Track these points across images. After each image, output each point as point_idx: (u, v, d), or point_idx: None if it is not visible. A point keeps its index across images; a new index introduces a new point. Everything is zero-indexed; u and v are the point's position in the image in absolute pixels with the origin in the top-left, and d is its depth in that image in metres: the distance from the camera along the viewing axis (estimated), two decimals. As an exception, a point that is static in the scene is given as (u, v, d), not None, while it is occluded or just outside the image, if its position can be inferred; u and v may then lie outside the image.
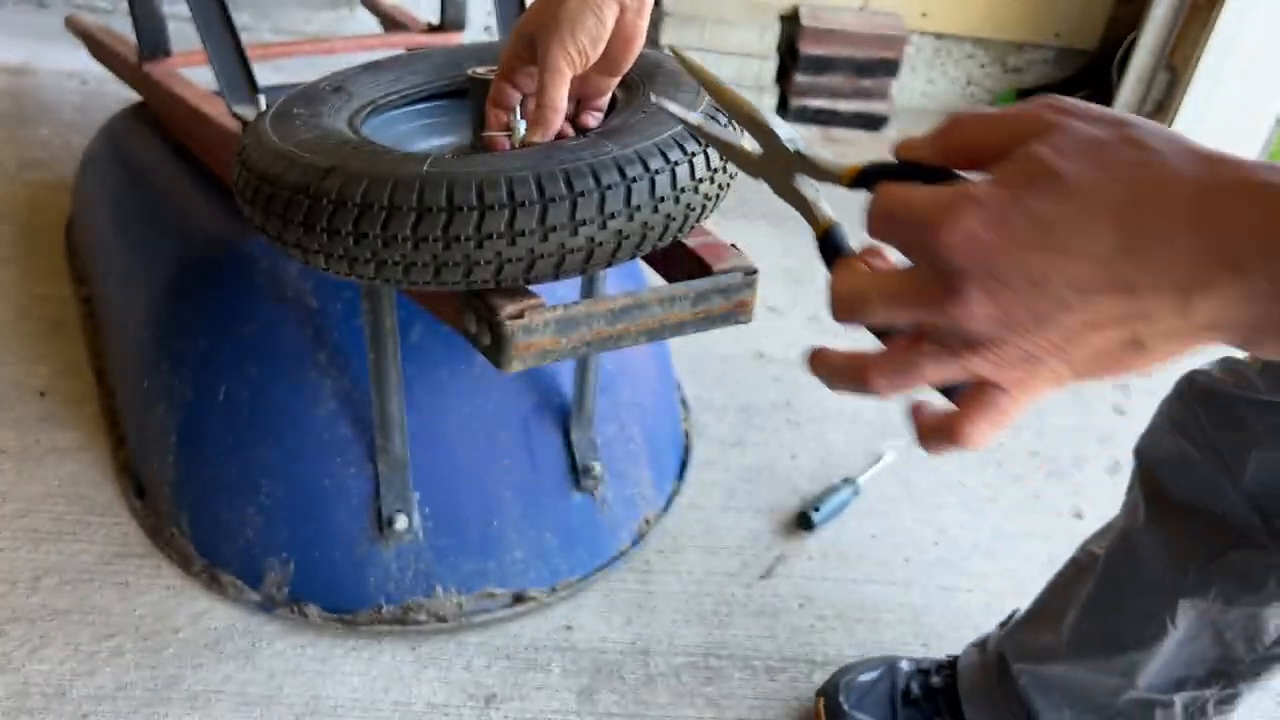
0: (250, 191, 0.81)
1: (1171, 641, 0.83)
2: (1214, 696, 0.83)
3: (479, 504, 1.12)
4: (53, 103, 2.11)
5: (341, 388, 1.10)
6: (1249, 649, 0.80)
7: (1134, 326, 0.36)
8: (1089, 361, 0.37)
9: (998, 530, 1.35)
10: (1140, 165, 0.34)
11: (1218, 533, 0.80)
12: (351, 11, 2.61)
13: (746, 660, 1.12)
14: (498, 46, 1.09)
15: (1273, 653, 0.80)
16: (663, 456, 1.32)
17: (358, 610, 1.09)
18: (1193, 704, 0.84)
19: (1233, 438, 0.79)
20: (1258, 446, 0.77)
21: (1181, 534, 0.83)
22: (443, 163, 0.75)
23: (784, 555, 1.27)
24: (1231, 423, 0.79)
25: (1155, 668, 0.84)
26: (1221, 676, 0.82)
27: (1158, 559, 0.84)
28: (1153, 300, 0.35)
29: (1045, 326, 0.36)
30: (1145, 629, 0.84)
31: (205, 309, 1.15)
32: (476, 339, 0.80)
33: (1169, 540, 0.84)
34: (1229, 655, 0.81)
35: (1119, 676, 0.86)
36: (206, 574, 1.12)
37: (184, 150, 1.41)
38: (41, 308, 1.52)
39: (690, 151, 0.81)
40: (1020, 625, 0.98)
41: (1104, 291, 0.35)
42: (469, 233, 0.73)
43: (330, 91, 0.96)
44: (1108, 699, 0.87)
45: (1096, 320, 0.35)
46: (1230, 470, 0.79)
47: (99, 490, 1.23)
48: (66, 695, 1.00)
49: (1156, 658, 0.84)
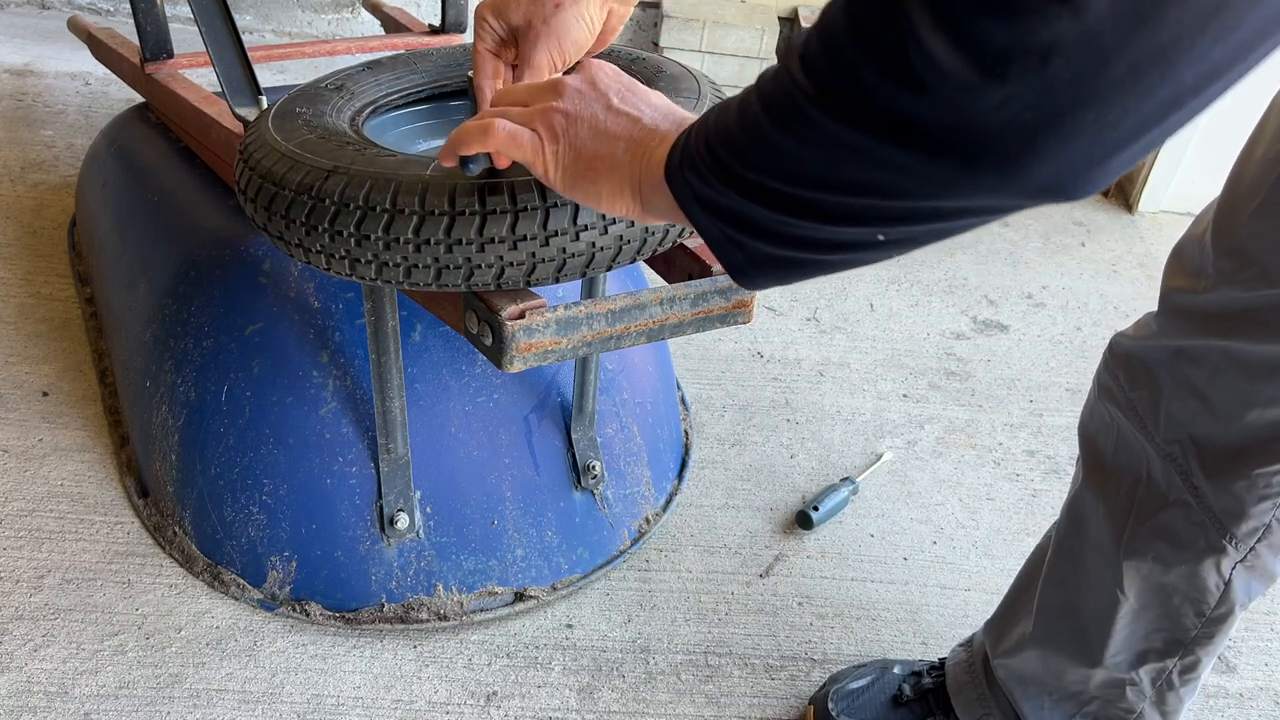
0: (253, 191, 0.82)
1: (1126, 612, 0.84)
2: (1176, 666, 0.84)
3: (480, 503, 1.13)
4: (56, 104, 2.12)
5: (343, 387, 1.10)
6: (1196, 614, 0.82)
7: (606, 164, 0.60)
8: (574, 157, 0.61)
9: (996, 529, 1.35)
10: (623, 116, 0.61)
11: (1147, 496, 0.82)
12: (354, 14, 2.62)
13: (746, 658, 1.13)
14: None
15: (1218, 613, 0.81)
16: (663, 456, 1.33)
17: (360, 608, 1.10)
18: (1159, 676, 0.85)
19: (1147, 396, 0.80)
20: (1164, 400, 0.78)
21: (1117, 500, 0.84)
22: (446, 170, 0.76)
23: (783, 554, 1.27)
24: (1145, 380, 0.80)
25: (1117, 644, 0.85)
26: (1179, 645, 0.84)
27: (1100, 526, 0.86)
28: (615, 171, 0.60)
29: (578, 120, 0.62)
30: (1099, 598, 0.85)
31: (208, 309, 1.16)
32: (478, 339, 0.81)
33: (1107, 508, 0.85)
34: (1180, 624, 0.82)
35: (1086, 658, 0.88)
36: (209, 573, 1.13)
37: (187, 151, 1.42)
38: (45, 308, 1.53)
39: None
40: (996, 619, 0.99)
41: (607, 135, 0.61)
42: (471, 236, 0.74)
43: (332, 91, 0.96)
44: (1080, 685, 0.89)
45: (596, 136, 0.61)
46: (1148, 429, 0.80)
47: (102, 489, 1.24)
48: (69, 694, 1.01)
49: (1115, 633, 0.85)
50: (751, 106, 0.49)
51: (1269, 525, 0.77)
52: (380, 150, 0.82)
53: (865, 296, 1.83)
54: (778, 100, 0.47)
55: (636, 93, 0.62)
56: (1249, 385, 0.73)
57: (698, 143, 0.53)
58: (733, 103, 0.52)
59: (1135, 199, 2.25)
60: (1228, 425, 0.75)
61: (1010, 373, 1.68)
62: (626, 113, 0.60)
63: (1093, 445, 0.87)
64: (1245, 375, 0.73)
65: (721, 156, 0.51)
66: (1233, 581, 0.79)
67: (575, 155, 0.61)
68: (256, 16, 2.61)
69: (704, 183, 0.52)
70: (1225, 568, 0.79)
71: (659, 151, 0.57)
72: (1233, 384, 0.74)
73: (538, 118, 0.63)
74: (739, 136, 0.50)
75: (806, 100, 0.44)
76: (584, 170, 0.60)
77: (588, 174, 0.60)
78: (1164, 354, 0.78)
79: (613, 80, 0.63)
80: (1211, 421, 0.76)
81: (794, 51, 0.45)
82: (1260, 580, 0.80)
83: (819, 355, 1.67)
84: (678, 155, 0.55)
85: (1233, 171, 0.75)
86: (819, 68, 0.43)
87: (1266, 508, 0.76)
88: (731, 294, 0.86)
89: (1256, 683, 1.17)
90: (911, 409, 1.56)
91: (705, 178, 0.52)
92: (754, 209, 0.50)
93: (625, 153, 0.59)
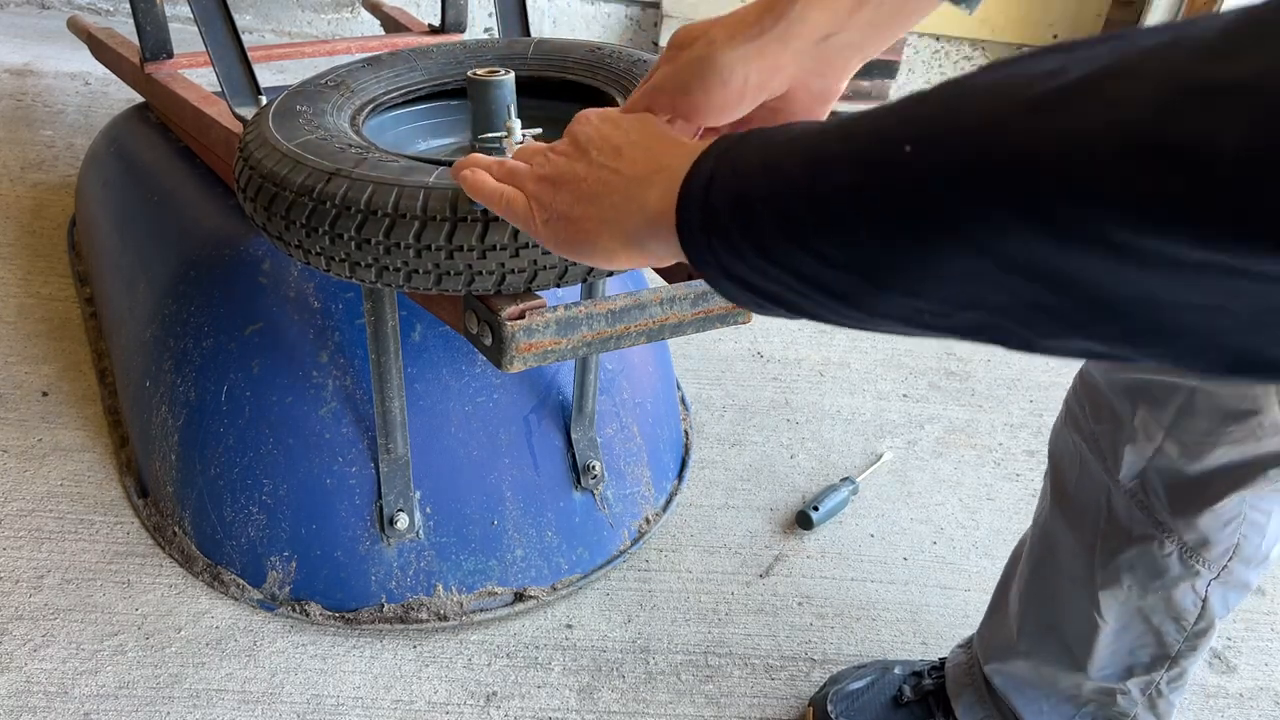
0: (253, 190, 0.82)
1: (1107, 633, 0.84)
2: (1163, 678, 0.85)
3: (480, 503, 1.13)
4: (55, 104, 2.12)
5: (343, 387, 1.10)
6: (1179, 630, 0.81)
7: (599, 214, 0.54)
8: (564, 224, 0.56)
9: (996, 529, 1.35)
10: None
11: (1111, 531, 0.81)
12: (353, 14, 2.62)
13: (746, 658, 1.13)
14: (498, 45, 1.10)
15: (1199, 628, 0.81)
16: (663, 456, 1.33)
17: (359, 608, 1.09)
18: (1148, 687, 0.85)
19: (1109, 431, 0.79)
20: (1125, 437, 0.77)
21: (1083, 533, 0.84)
22: (449, 179, 0.76)
23: (783, 554, 1.27)
24: (1108, 415, 0.79)
25: (1101, 659, 0.85)
26: (1164, 659, 0.84)
27: (1070, 556, 0.86)
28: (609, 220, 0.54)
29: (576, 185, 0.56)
30: (1078, 623, 0.85)
31: (207, 309, 1.16)
32: (478, 339, 0.81)
33: (1076, 540, 0.85)
34: (1163, 640, 0.82)
35: (1073, 670, 0.88)
36: (209, 573, 1.13)
37: (186, 151, 1.42)
38: (44, 308, 1.53)
39: None
40: (984, 622, 0.99)
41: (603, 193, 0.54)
42: (472, 243, 0.74)
43: (332, 88, 0.96)
44: (1074, 690, 0.89)
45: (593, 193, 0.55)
46: (1108, 466, 0.80)
47: (101, 489, 1.24)
48: (69, 694, 1.01)
49: (1099, 650, 0.85)
50: (865, 187, 0.37)
51: (1238, 543, 0.77)
52: (383, 154, 0.82)
53: (865, 296, 1.83)
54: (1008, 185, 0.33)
55: (617, 135, 0.56)
56: (1218, 426, 0.72)
57: (727, 199, 0.44)
58: (794, 146, 0.41)
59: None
60: (1192, 464, 0.74)
61: (1010, 373, 1.68)
62: (605, 165, 0.55)
63: (1059, 469, 0.87)
64: (1214, 417, 0.72)
65: (772, 235, 0.41)
66: (1209, 598, 0.79)
67: (565, 222, 0.56)
68: (256, 16, 2.61)
69: (738, 257, 0.43)
70: (1200, 587, 0.79)
71: (650, 199, 0.50)
72: (1200, 426, 0.73)
73: (529, 183, 0.59)
74: (819, 214, 0.39)
75: (1126, 218, 0.30)
76: (575, 235, 0.56)
77: (580, 237, 0.56)
78: (1129, 391, 0.77)
79: (593, 130, 0.57)
80: (1176, 461, 0.75)
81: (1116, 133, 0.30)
82: (1236, 591, 0.80)
83: (819, 355, 1.67)
84: (695, 213, 0.46)
85: None
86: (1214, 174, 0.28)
87: (1234, 528, 0.75)
88: (731, 294, 0.85)
89: (1256, 683, 1.17)
90: (911, 409, 1.56)
91: (741, 251, 0.43)
92: (819, 305, 0.41)
93: (612, 209, 0.53)
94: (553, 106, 1.05)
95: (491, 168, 0.64)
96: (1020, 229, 0.32)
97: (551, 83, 1.04)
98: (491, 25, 2.73)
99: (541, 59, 1.06)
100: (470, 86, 0.92)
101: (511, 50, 1.08)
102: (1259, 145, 0.27)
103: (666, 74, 0.61)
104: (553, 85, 1.04)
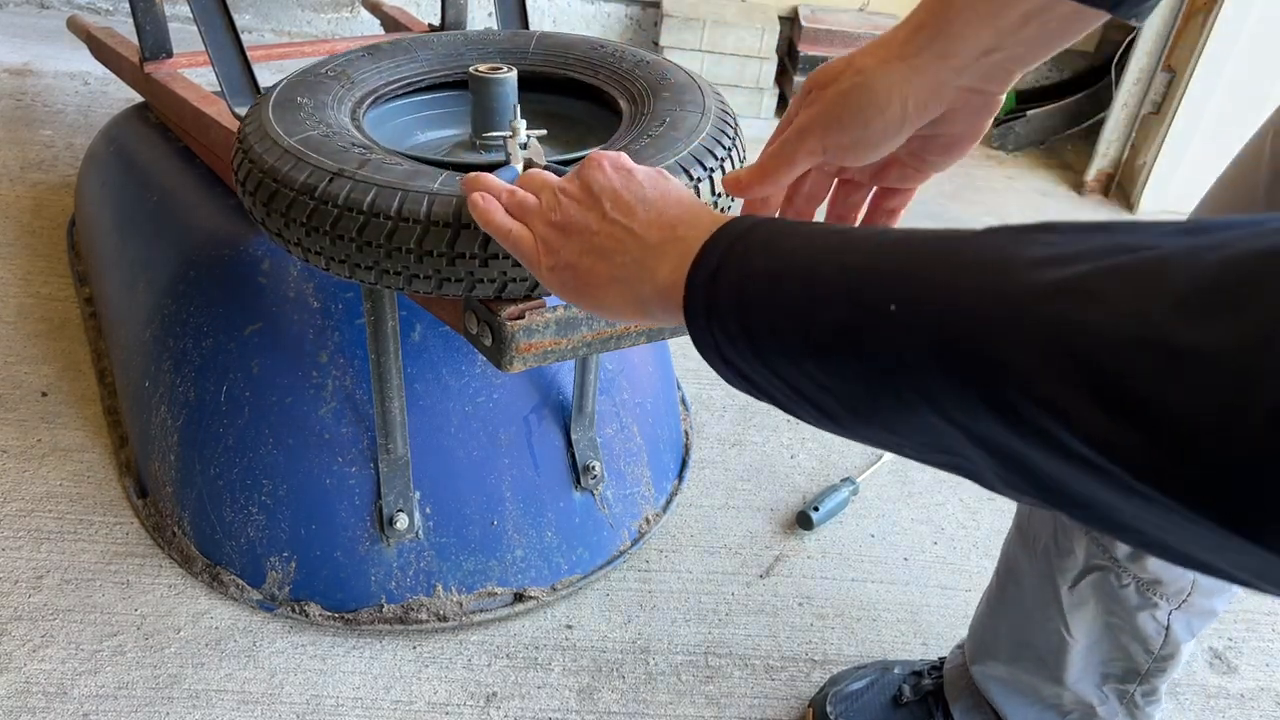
0: (252, 184, 0.81)
1: (1079, 648, 0.85)
2: (1137, 690, 0.85)
3: (480, 503, 1.12)
4: (55, 104, 2.12)
5: (343, 387, 1.10)
6: (1145, 652, 0.82)
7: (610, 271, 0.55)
8: (571, 274, 0.56)
9: (997, 529, 1.35)
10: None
11: (1068, 562, 0.82)
12: (353, 13, 2.61)
13: (746, 659, 1.13)
14: (500, 37, 1.09)
15: (1165, 652, 0.82)
16: (663, 456, 1.33)
17: (359, 609, 1.09)
18: (1124, 697, 0.86)
19: None
20: None
21: (1045, 562, 0.84)
22: (454, 186, 0.76)
23: (783, 554, 1.27)
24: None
25: (1076, 673, 0.86)
26: (1135, 675, 0.84)
27: (1035, 579, 0.86)
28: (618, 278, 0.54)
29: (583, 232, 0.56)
30: (1050, 639, 0.86)
31: (207, 309, 1.16)
32: (477, 339, 0.81)
33: (1035, 569, 0.86)
34: (1132, 659, 0.83)
35: (1051, 681, 0.88)
36: (208, 573, 1.13)
37: (186, 151, 1.42)
38: (44, 308, 1.53)
39: (696, 178, 0.82)
40: (972, 625, 0.99)
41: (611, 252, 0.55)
42: (474, 251, 0.74)
43: (332, 78, 0.94)
44: (1055, 699, 0.89)
45: (601, 248, 0.55)
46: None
47: (101, 490, 1.24)
48: (68, 694, 1.00)
49: (1072, 663, 0.86)
50: (852, 332, 0.39)
51: (1194, 579, 0.77)
52: (387, 156, 0.81)
53: (865, 296, 1.82)
54: (977, 387, 0.34)
55: (630, 191, 0.55)
56: None
57: (731, 295, 0.45)
58: (796, 260, 0.43)
59: (1136, 198, 2.25)
60: None
61: (1011, 373, 1.67)
62: (618, 221, 0.54)
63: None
64: None
65: (768, 344, 0.43)
66: (1172, 625, 0.80)
67: (572, 272, 0.56)
68: (256, 16, 2.61)
69: (736, 351, 0.45)
70: (1161, 617, 0.79)
71: (661, 271, 0.51)
72: None
73: (539, 224, 0.59)
74: (809, 344, 0.41)
75: (1115, 454, 0.30)
76: (582, 287, 0.56)
77: (586, 290, 0.56)
78: None
79: (606, 181, 0.56)
80: None
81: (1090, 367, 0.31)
82: (1201, 617, 0.80)
83: (819, 355, 1.66)
84: (701, 299, 0.47)
85: None
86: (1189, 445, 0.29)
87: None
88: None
89: (1257, 683, 1.17)
90: (912, 409, 1.56)
91: (739, 348, 0.45)
92: (806, 414, 0.43)
93: (622, 269, 0.53)
94: (554, 101, 1.04)
95: (501, 195, 0.63)
96: (988, 418, 0.34)
97: (553, 78, 1.04)
98: (491, 25, 2.73)
99: (544, 54, 1.05)
100: (472, 83, 0.92)
101: (514, 43, 1.07)
102: (1207, 419, 0.27)
103: (813, 115, 0.58)
104: (555, 81, 1.04)
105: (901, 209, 0.67)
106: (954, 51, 0.55)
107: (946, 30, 0.55)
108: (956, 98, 0.57)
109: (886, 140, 0.58)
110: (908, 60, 0.56)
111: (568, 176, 0.60)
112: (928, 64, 0.55)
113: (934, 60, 0.55)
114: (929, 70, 0.56)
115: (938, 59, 0.55)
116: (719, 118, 0.89)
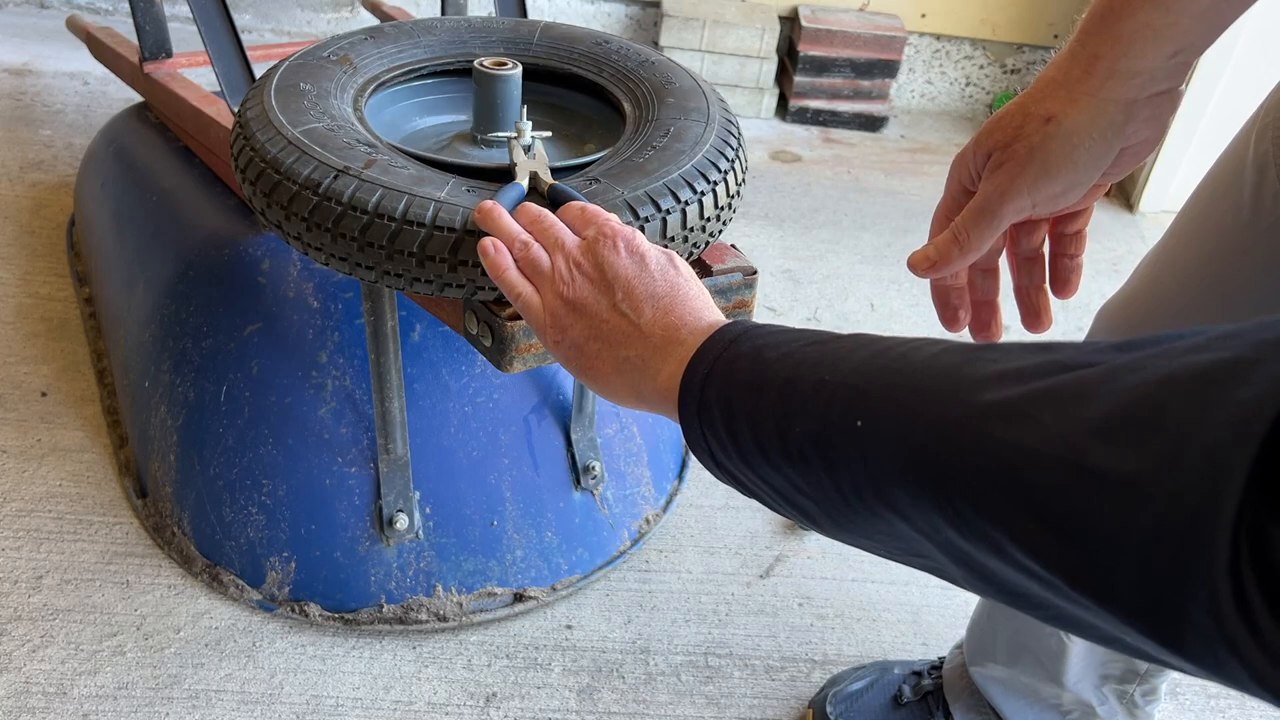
0: (254, 174, 0.80)
1: (1077, 649, 0.85)
2: (1136, 690, 0.85)
3: (480, 503, 1.12)
4: (54, 103, 2.11)
5: (343, 387, 1.10)
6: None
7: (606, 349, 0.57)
8: (576, 352, 0.58)
9: (996, 530, 1.35)
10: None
11: None
12: (353, 13, 2.61)
13: (746, 659, 1.13)
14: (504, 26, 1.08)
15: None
16: (663, 456, 1.33)
17: (359, 609, 1.09)
18: (1123, 697, 0.86)
19: None
20: None
21: None
22: (461, 194, 0.76)
23: (783, 554, 1.27)
24: None
25: (1075, 675, 0.86)
26: (1134, 675, 0.84)
27: None
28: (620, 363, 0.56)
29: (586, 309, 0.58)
30: (1047, 642, 0.86)
31: (207, 309, 1.16)
32: (477, 340, 0.81)
33: None
34: (1131, 659, 0.83)
35: (1050, 681, 0.88)
36: (208, 573, 1.13)
37: (185, 151, 1.42)
38: (43, 308, 1.52)
39: (700, 190, 0.81)
40: (970, 627, 0.99)
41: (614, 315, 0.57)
42: (477, 259, 0.73)
43: (334, 63, 0.93)
44: (1055, 699, 0.89)
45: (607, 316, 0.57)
46: None
47: (101, 490, 1.24)
48: (68, 694, 1.00)
49: (1071, 664, 0.86)
50: (825, 444, 0.42)
51: None
52: (393, 156, 0.80)
53: (866, 296, 1.82)
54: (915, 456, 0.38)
55: (643, 284, 0.57)
56: None
57: (719, 402, 0.48)
58: (777, 371, 0.45)
59: (1136, 198, 2.25)
60: None
61: (1011, 373, 1.67)
62: (627, 315, 0.56)
63: None
64: None
65: (752, 450, 0.46)
66: None
67: (578, 352, 0.58)
68: (256, 16, 2.60)
69: (725, 454, 0.48)
70: None
71: (662, 373, 0.53)
72: None
73: (549, 294, 0.60)
74: (789, 453, 0.44)
75: (1047, 569, 0.33)
76: (586, 366, 0.58)
77: (590, 372, 0.58)
78: None
79: (622, 268, 0.58)
80: None
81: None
82: None
83: (819, 355, 1.66)
84: (693, 404, 0.49)
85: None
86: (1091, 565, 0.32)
87: None
88: (732, 294, 0.85)
89: (1257, 683, 1.17)
90: (912, 409, 1.56)
91: (727, 450, 0.47)
92: (789, 514, 0.46)
93: (626, 362, 0.55)
94: (556, 94, 1.03)
95: (514, 245, 0.64)
96: (946, 528, 0.37)
97: (557, 73, 1.03)
98: (491, 25, 2.72)
99: (547, 46, 1.03)
100: (477, 77, 0.90)
101: (517, 33, 1.05)
102: (1127, 539, 0.30)
103: (1011, 174, 0.58)
104: (558, 74, 1.03)
105: (1084, 233, 0.66)
106: (1137, 70, 0.56)
107: (1125, 54, 0.55)
108: (1145, 105, 0.57)
109: (1096, 174, 0.58)
110: (1095, 95, 0.56)
111: (581, 247, 0.60)
112: (1114, 90, 0.56)
113: (1120, 85, 0.56)
114: (1117, 93, 0.56)
115: (1123, 82, 0.56)
116: (723, 128, 0.89)
